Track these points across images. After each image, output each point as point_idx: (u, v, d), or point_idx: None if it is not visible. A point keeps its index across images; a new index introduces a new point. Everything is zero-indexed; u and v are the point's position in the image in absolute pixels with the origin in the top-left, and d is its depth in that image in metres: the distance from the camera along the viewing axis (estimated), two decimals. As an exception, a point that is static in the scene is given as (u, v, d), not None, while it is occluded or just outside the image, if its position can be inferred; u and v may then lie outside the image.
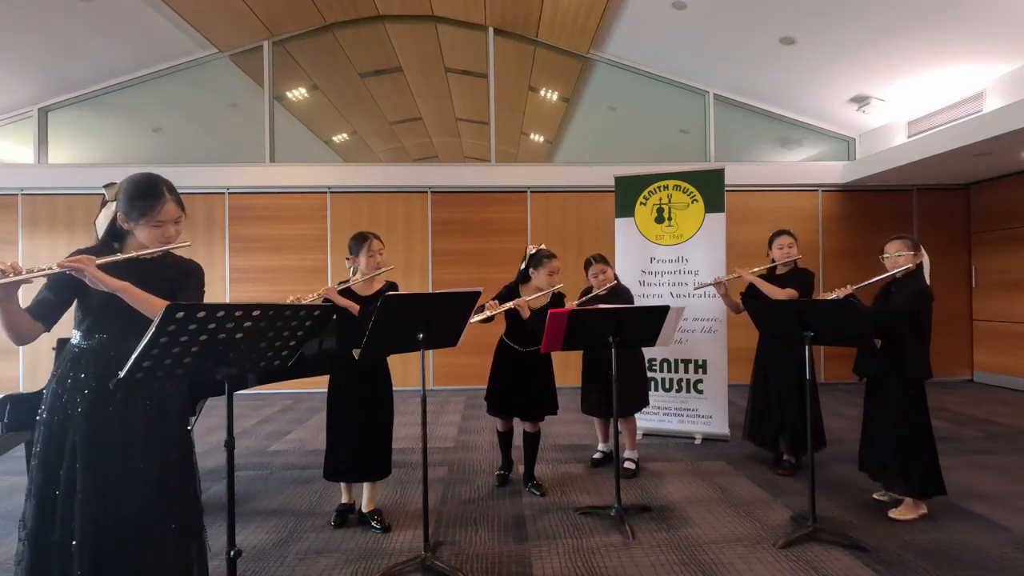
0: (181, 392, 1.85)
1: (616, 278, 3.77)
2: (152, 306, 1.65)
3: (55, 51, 6.23)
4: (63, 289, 1.70)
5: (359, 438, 2.82)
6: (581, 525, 2.90)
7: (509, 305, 3.06)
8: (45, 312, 1.69)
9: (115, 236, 1.80)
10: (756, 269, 3.75)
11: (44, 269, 1.55)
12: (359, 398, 2.83)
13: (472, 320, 2.66)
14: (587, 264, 3.78)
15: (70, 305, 1.74)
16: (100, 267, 1.60)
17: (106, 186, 1.84)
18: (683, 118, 7.45)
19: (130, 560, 1.66)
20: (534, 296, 3.17)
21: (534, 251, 3.26)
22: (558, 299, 3.26)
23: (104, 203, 1.84)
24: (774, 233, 3.81)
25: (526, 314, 3.07)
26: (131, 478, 1.68)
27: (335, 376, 2.91)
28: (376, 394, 2.87)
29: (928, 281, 2.97)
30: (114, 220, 1.78)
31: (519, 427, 3.46)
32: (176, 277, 1.83)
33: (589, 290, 3.76)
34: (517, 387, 3.28)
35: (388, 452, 2.90)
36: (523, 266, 3.30)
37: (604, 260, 3.78)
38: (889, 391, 2.96)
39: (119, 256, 1.69)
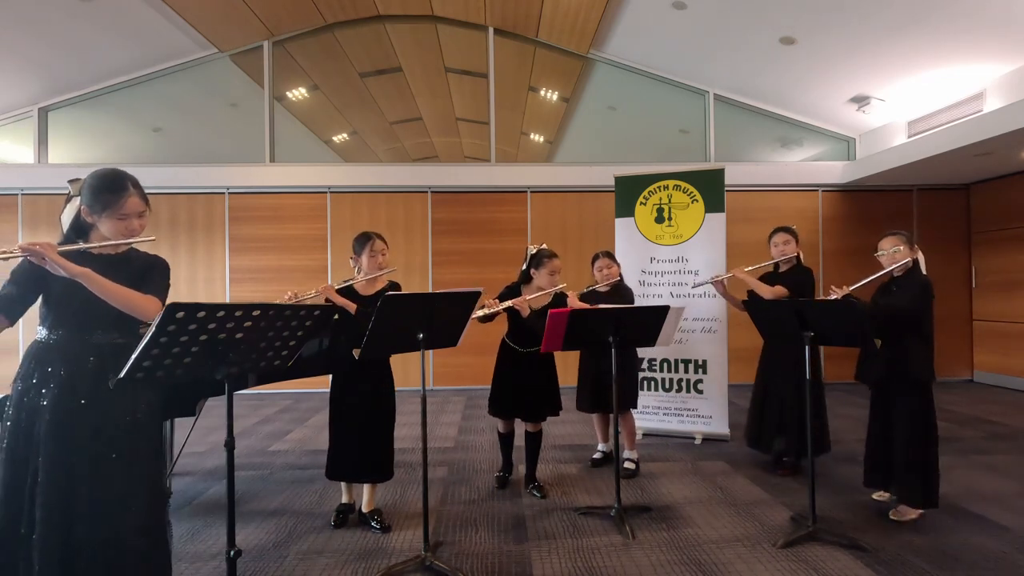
0: (153, 385, 1.83)
1: (620, 277, 3.77)
2: (112, 292, 1.64)
3: (55, 51, 6.23)
4: (27, 282, 1.70)
5: (361, 439, 2.82)
6: (581, 525, 2.90)
7: (508, 304, 3.04)
8: (8, 305, 1.69)
9: (79, 231, 1.80)
10: (750, 268, 3.72)
11: (3, 252, 1.53)
12: (361, 398, 2.83)
13: (472, 317, 2.66)
14: (594, 258, 3.79)
15: (35, 300, 1.73)
16: (62, 255, 1.58)
17: (71, 181, 1.84)
18: (683, 118, 7.45)
19: (100, 553, 1.65)
20: (535, 295, 3.15)
21: (535, 251, 3.25)
22: (560, 299, 3.23)
23: (69, 198, 1.84)
24: (773, 230, 3.78)
25: (525, 312, 3.06)
26: (100, 471, 1.66)
27: (337, 376, 2.91)
28: (378, 395, 2.86)
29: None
30: (78, 214, 1.78)
31: (520, 428, 3.45)
32: (140, 271, 1.82)
33: (593, 285, 3.76)
34: (518, 388, 3.27)
35: (390, 454, 2.90)
36: (524, 266, 3.29)
37: (611, 256, 3.79)
38: (896, 398, 2.92)
39: (81, 246, 1.69)
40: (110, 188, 1.74)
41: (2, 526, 1.63)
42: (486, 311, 2.96)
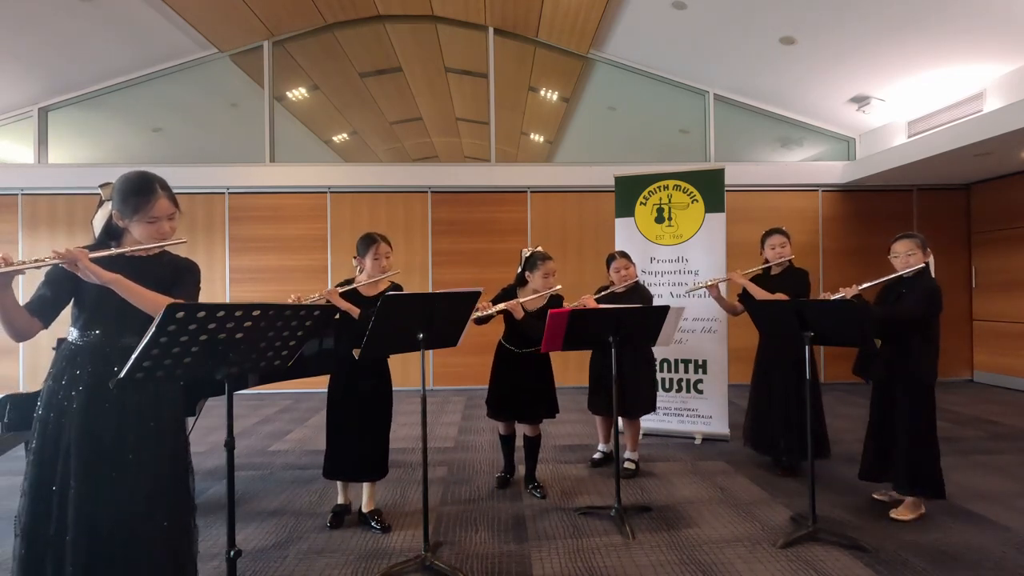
0: (176, 389, 1.85)
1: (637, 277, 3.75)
2: (144, 298, 1.65)
3: (55, 51, 6.23)
4: (60, 285, 1.71)
5: (358, 438, 2.83)
6: (581, 525, 2.90)
7: (502, 307, 3.04)
8: (42, 309, 1.70)
9: (111, 234, 1.82)
10: (748, 271, 3.71)
11: (37, 260, 1.55)
12: (358, 398, 2.83)
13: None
14: (609, 259, 3.75)
15: (68, 302, 1.75)
16: (94, 262, 1.60)
17: (102, 186, 1.86)
18: (683, 118, 7.45)
19: (122, 556, 1.66)
20: (530, 298, 3.15)
21: (529, 253, 3.25)
22: (556, 301, 3.23)
23: (101, 203, 1.86)
24: (766, 232, 3.73)
25: (519, 315, 3.06)
26: (125, 474, 1.68)
27: (336, 375, 2.91)
28: (375, 395, 2.87)
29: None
30: (110, 219, 1.80)
31: (521, 429, 3.45)
32: (171, 274, 1.83)
33: (607, 287, 3.71)
34: (515, 390, 3.27)
35: (385, 453, 2.91)
36: (520, 269, 3.29)
37: (627, 256, 3.75)
38: (897, 396, 2.92)
39: (112, 251, 1.70)
40: (138, 192, 1.74)
41: (31, 527, 1.64)
42: (480, 314, 2.96)
